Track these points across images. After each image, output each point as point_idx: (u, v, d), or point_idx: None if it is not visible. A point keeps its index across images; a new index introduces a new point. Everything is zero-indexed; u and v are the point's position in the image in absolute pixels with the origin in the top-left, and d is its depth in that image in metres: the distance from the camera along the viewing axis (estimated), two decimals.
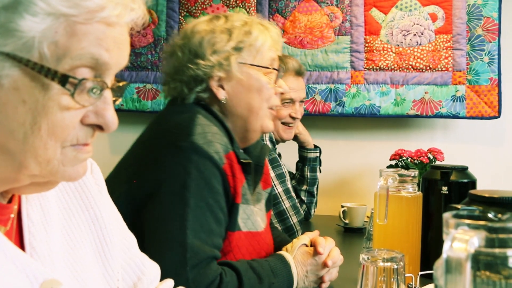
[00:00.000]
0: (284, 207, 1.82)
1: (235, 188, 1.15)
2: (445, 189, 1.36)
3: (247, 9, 2.43)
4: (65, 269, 0.67)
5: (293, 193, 1.87)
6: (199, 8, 2.47)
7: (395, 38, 2.32)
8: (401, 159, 2.14)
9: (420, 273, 1.22)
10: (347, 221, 2.05)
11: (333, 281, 1.26)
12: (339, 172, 2.50)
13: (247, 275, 1.10)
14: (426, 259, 1.35)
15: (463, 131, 2.41)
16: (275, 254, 1.22)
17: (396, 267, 0.94)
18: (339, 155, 2.49)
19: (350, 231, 2.02)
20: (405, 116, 2.33)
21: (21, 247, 0.63)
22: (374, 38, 2.34)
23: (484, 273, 0.52)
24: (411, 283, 1.14)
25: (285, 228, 1.81)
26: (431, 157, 2.10)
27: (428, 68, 2.30)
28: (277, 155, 1.88)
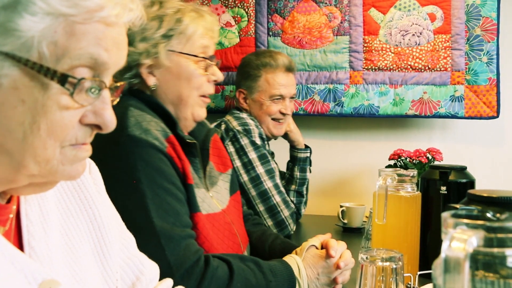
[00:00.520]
0: (274, 202, 1.82)
1: (183, 168, 1.16)
2: (443, 189, 1.36)
3: (246, 9, 2.43)
4: (64, 269, 0.67)
5: (282, 188, 1.87)
6: None
7: (394, 38, 2.32)
8: (400, 159, 2.14)
9: (418, 273, 1.22)
10: (346, 221, 2.05)
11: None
12: (337, 172, 2.50)
13: (238, 265, 1.10)
14: (424, 259, 1.35)
15: (461, 131, 2.41)
16: (280, 259, 1.22)
17: (394, 266, 0.94)
18: (338, 155, 2.49)
19: (349, 231, 2.02)
20: (404, 116, 2.33)
21: (20, 247, 0.63)
22: (372, 38, 2.34)
23: (482, 273, 0.52)
24: (410, 283, 1.14)
25: (277, 222, 1.81)
26: (430, 157, 2.11)
27: (426, 68, 2.29)
28: (266, 152, 1.87)
